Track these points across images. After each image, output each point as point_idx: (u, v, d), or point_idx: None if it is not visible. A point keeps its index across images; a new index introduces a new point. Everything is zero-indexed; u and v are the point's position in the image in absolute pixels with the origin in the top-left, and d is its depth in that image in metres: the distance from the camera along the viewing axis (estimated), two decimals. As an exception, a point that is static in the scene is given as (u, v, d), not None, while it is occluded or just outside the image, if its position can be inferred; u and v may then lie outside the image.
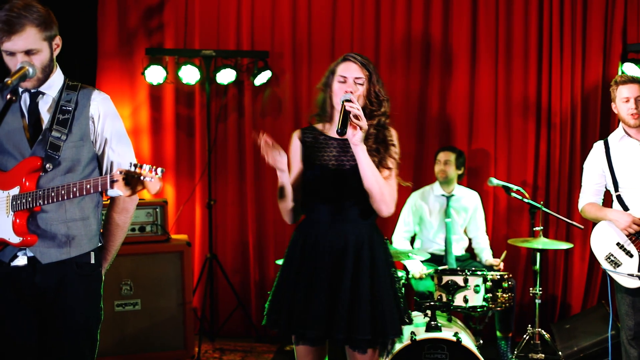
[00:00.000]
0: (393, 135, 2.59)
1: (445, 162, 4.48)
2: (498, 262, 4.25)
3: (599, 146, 3.53)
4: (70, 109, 2.32)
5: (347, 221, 2.52)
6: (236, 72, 4.80)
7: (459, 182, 4.62)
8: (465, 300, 3.72)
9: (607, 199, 3.54)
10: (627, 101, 3.36)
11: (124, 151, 2.42)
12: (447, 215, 4.47)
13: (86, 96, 2.37)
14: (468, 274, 3.75)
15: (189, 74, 4.74)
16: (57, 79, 2.37)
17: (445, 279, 3.76)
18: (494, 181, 4.29)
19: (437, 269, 3.94)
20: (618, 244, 3.37)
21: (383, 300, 2.46)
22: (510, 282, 3.87)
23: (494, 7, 4.87)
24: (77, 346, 2.35)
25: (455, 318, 3.84)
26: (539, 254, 3.94)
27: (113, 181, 2.00)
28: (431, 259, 4.27)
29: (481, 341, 3.82)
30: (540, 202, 4.13)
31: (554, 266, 4.90)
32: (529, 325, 4.00)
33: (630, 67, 4.59)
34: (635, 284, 3.27)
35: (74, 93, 2.35)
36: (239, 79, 4.89)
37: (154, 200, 4.43)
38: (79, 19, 4.74)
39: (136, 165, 1.94)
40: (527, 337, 3.97)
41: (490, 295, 3.78)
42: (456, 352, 3.32)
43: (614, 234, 3.39)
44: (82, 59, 4.81)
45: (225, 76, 4.78)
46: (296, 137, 2.63)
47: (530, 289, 4.00)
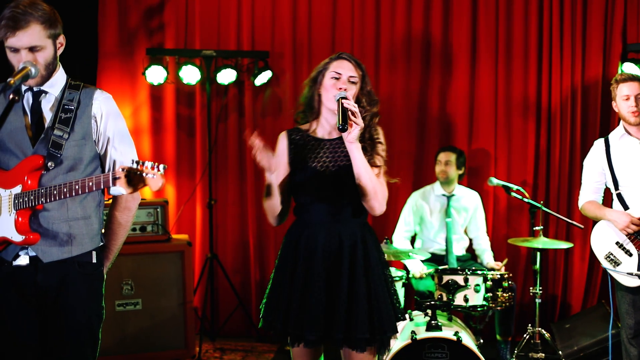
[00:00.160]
0: (379, 133, 2.56)
1: (446, 163, 4.49)
2: (499, 267, 4.25)
3: (599, 144, 3.54)
4: (73, 107, 2.33)
5: (340, 221, 2.50)
6: (237, 72, 4.80)
7: (460, 182, 4.63)
8: (466, 300, 3.73)
9: (608, 197, 3.54)
10: (628, 99, 3.37)
11: (126, 150, 2.42)
12: (448, 215, 4.47)
13: (88, 95, 2.37)
14: (468, 273, 3.76)
15: (189, 74, 4.75)
16: (60, 77, 2.37)
17: (446, 278, 3.76)
18: (494, 181, 4.30)
19: (438, 268, 3.95)
20: (617, 243, 3.38)
21: (379, 298, 2.46)
22: (510, 282, 3.88)
23: (494, 7, 4.87)
24: (79, 345, 2.35)
25: (455, 317, 3.84)
26: (539, 253, 3.94)
27: (115, 178, 2.00)
28: (432, 258, 4.28)
29: (481, 340, 3.82)
30: (541, 202, 4.13)
31: (554, 266, 4.90)
32: (529, 325, 4.00)
33: (630, 67, 4.59)
34: (635, 282, 3.28)
35: (76, 92, 2.36)
36: (239, 79, 4.89)
37: (154, 200, 4.43)
38: (79, 19, 4.74)
39: (138, 162, 1.94)
40: (527, 337, 3.97)
41: (490, 294, 3.79)
42: (456, 351, 3.32)
43: (614, 233, 3.39)
44: (82, 59, 4.81)
45: (226, 76, 4.79)
46: (283, 139, 2.59)
47: (531, 288, 4.00)
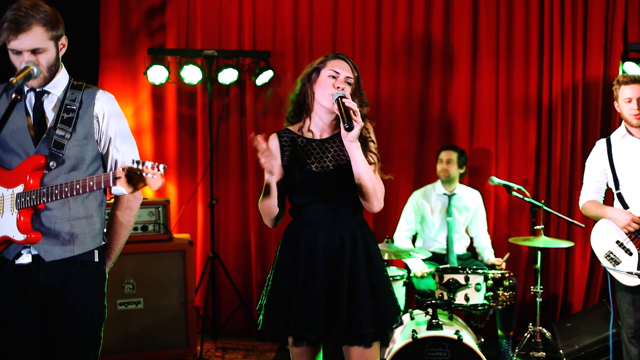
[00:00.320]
0: (370, 131, 2.56)
1: (448, 161, 4.49)
2: (500, 262, 4.25)
3: (601, 144, 3.54)
4: (75, 107, 2.34)
5: (340, 220, 2.49)
6: (238, 72, 4.81)
7: (461, 181, 4.63)
8: (467, 299, 3.74)
9: (609, 196, 3.55)
10: (630, 102, 3.36)
11: (128, 150, 2.43)
12: (449, 214, 4.48)
13: (91, 95, 2.39)
14: (469, 272, 3.76)
15: (191, 74, 4.75)
16: (62, 78, 2.38)
17: (447, 277, 3.77)
18: (495, 180, 4.30)
19: (439, 267, 3.96)
20: (618, 242, 3.38)
21: (382, 292, 2.47)
22: (511, 281, 3.88)
23: (494, 7, 4.88)
24: (81, 344, 2.36)
25: (456, 316, 3.85)
26: (540, 252, 3.95)
27: (116, 178, 2.01)
28: (433, 257, 4.28)
29: (482, 339, 3.82)
30: (541, 201, 4.14)
31: (555, 265, 4.90)
32: (530, 324, 4.01)
33: (631, 66, 4.60)
34: (635, 282, 3.28)
35: (78, 92, 2.37)
36: (240, 78, 4.90)
37: (156, 200, 4.44)
38: (81, 19, 4.74)
39: (138, 162, 1.95)
40: (528, 336, 3.98)
41: (491, 293, 3.79)
42: (457, 350, 3.32)
43: (614, 232, 3.40)
44: (84, 59, 4.82)
45: (227, 76, 4.80)
46: (274, 142, 2.56)
47: (532, 287, 4.01)
